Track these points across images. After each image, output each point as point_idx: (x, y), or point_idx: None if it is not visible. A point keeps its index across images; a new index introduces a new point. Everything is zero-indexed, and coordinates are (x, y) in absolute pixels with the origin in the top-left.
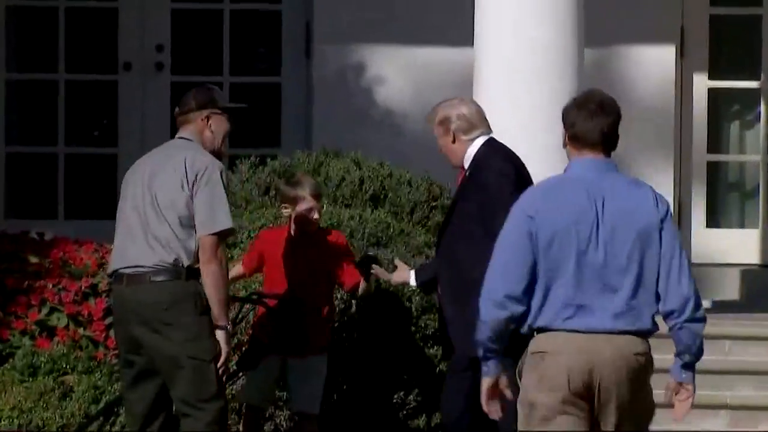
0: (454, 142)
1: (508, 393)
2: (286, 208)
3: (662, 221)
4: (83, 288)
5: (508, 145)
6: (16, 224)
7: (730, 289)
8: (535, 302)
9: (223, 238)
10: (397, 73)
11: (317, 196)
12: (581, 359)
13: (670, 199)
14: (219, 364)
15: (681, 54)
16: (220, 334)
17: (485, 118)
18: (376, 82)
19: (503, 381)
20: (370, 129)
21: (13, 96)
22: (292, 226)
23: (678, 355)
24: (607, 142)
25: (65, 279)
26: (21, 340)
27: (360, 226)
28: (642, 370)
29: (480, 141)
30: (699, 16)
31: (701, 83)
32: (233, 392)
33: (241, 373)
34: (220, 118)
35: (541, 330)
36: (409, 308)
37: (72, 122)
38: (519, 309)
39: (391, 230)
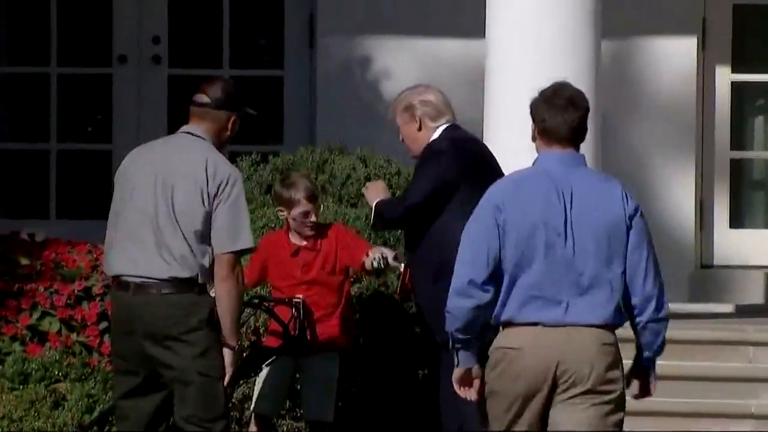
0: (420, 129)
1: (476, 383)
2: (281, 211)
3: (630, 218)
4: (76, 291)
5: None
6: (6, 224)
7: (754, 293)
8: (502, 295)
9: (241, 255)
10: (404, 65)
11: (313, 198)
12: (547, 353)
13: (692, 199)
14: (225, 383)
15: (703, 46)
16: (227, 353)
17: (450, 105)
18: (382, 76)
19: (476, 371)
20: (377, 124)
21: (2, 90)
22: (291, 229)
23: (638, 350)
24: (576, 137)
25: (57, 282)
26: (11, 346)
27: (367, 227)
28: (608, 362)
29: (443, 127)
30: (722, 6)
31: (724, 77)
32: (234, 400)
33: (241, 381)
34: (237, 121)
35: (507, 323)
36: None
37: (64, 118)
38: (484, 297)
39: (399, 231)
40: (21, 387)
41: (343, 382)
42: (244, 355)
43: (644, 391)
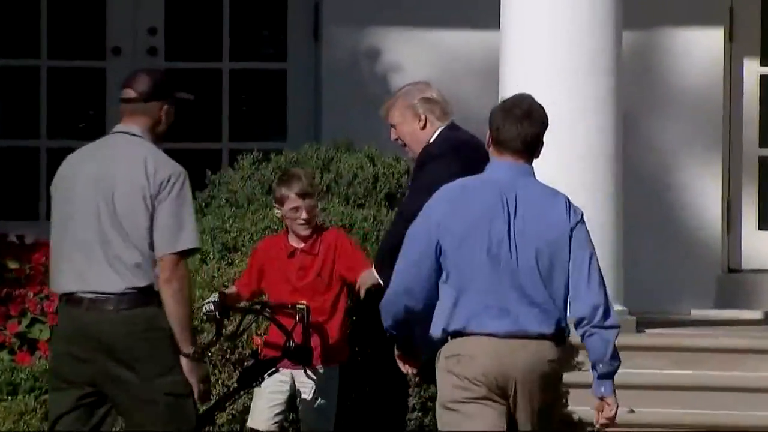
0: (424, 127)
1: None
2: (277, 208)
3: (572, 229)
4: None
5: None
6: None
7: None
8: (447, 305)
9: (186, 256)
10: (414, 58)
11: (304, 194)
12: (496, 363)
13: (718, 199)
14: (196, 396)
15: (730, 37)
16: (184, 363)
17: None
18: (392, 68)
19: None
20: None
21: None
22: (289, 231)
23: (593, 366)
24: (528, 150)
25: (48, 287)
26: None
27: (374, 228)
28: (553, 375)
29: (441, 127)
30: None
31: (752, 69)
32: (234, 412)
33: (242, 392)
34: (173, 109)
35: (456, 334)
36: None
37: (55, 113)
38: (417, 305)
39: None
40: (9, 398)
41: (343, 394)
42: (245, 365)
43: (605, 415)
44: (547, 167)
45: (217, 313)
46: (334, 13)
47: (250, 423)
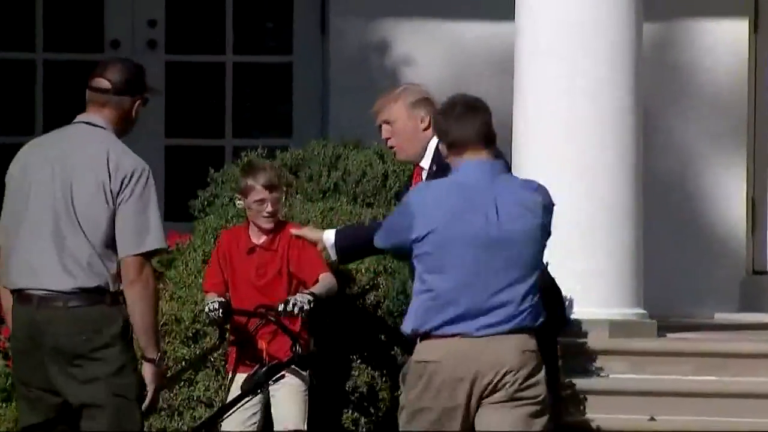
0: (426, 128)
1: None
2: (239, 200)
3: (547, 223)
4: None
5: None
6: None
7: None
8: (418, 306)
9: (151, 257)
10: (426, 50)
11: (271, 186)
12: (467, 363)
13: (743, 197)
14: (144, 405)
15: (755, 29)
16: (147, 368)
17: None
18: (402, 62)
19: None
20: None
21: None
22: (251, 224)
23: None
24: (485, 140)
25: None
26: None
27: None
28: (530, 367)
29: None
30: None
31: None
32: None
33: (247, 398)
34: (141, 103)
35: (426, 335)
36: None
37: (51, 109)
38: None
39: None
40: (4, 405)
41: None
42: (254, 371)
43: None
44: (563, 163)
45: (219, 314)
46: (342, 3)
47: (225, 426)
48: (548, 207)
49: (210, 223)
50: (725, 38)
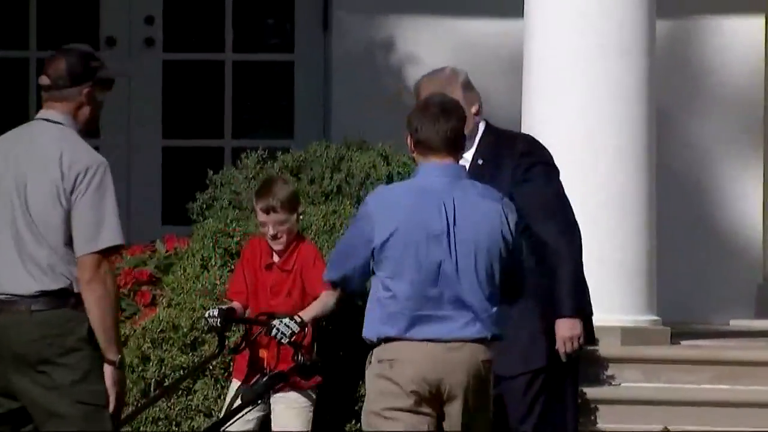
0: (477, 113)
1: None
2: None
3: (510, 230)
4: None
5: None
6: None
7: None
8: (381, 311)
9: (108, 255)
10: (431, 47)
11: (269, 209)
12: (429, 368)
13: (759, 200)
14: (111, 408)
15: None
16: (108, 370)
17: None
18: (407, 60)
19: None
20: (400, 116)
21: None
22: None
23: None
24: (451, 147)
25: None
26: None
27: None
28: (486, 378)
29: (483, 121)
30: None
31: None
32: None
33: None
34: (99, 90)
35: (389, 339)
36: None
37: None
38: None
39: None
40: None
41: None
42: (255, 380)
43: None
44: (574, 164)
45: (219, 321)
46: (345, 0)
47: None
48: (511, 218)
49: (209, 227)
50: (740, 35)
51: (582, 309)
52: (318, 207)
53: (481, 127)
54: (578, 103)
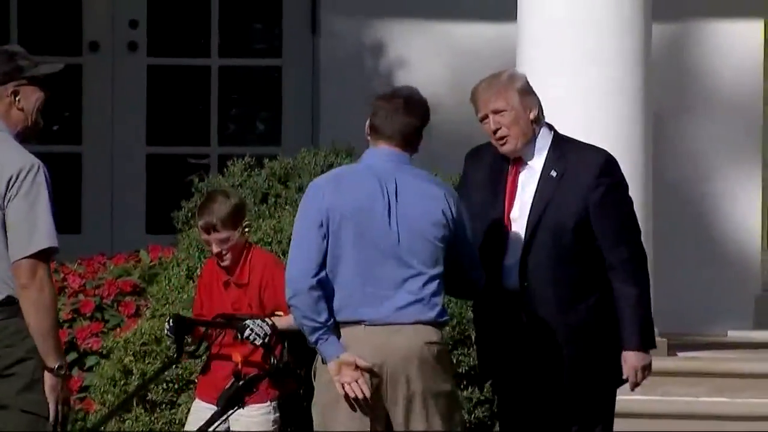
0: (535, 121)
1: (362, 364)
2: None
3: (453, 216)
4: None
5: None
6: None
7: None
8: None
9: (44, 258)
10: (423, 51)
11: (210, 228)
12: (371, 354)
13: (757, 209)
14: (51, 418)
15: None
16: (47, 378)
17: None
18: (397, 64)
19: (345, 357)
20: None
21: None
22: None
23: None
24: (405, 140)
25: None
26: None
27: None
28: (434, 360)
29: (543, 128)
30: None
31: None
32: None
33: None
34: (31, 89)
35: (338, 323)
36: None
37: None
38: (311, 280)
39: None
40: None
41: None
42: (230, 384)
43: None
44: None
45: (170, 331)
46: (334, 3)
47: None
48: (453, 201)
49: (194, 236)
50: (739, 39)
51: (651, 342)
52: None
53: (546, 134)
54: (572, 109)
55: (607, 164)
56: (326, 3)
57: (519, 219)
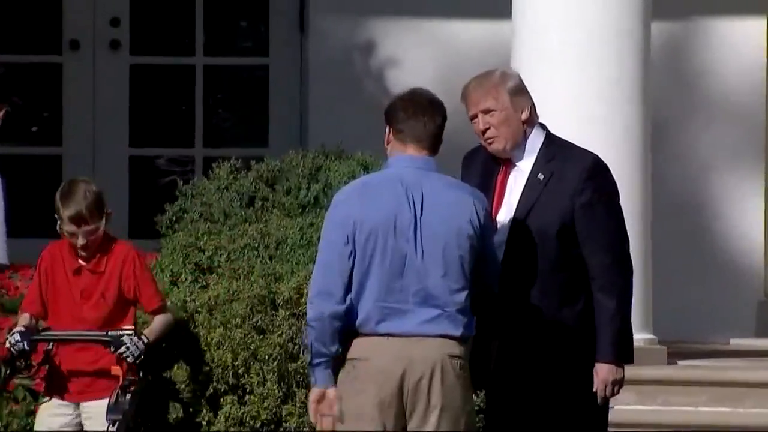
0: (527, 122)
1: (336, 407)
2: (56, 215)
3: (481, 226)
4: None
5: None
6: None
7: None
8: (353, 302)
9: None
10: (414, 51)
11: (80, 220)
12: (393, 364)
13: (760, 215)
14: None
15: None
16: None
17: None
18: (388, 64)
19: (331, 393)
20: (381, 123)
21: None
22: None
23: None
24: (432, 142)
25: None
26: None
27: None
28: (455, 373)
29: (536, 128)
30: None
31: None
32: None
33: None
34: None
35: (356, 333)
36: None
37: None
38: (336, 307)
39: None
40: None
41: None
42: (115, 395)
43: None
44: None
45: (25, 344)
46: (323, 2)
47: None
48: (480, 207)
49: (179, 240)
50: (741, 39)
51: (627, 356)
52: (294, 220)
53: (538, 135)
54: (568, 110)
55: (595, 167)
56: (315, 1)
57: (504, 222)
